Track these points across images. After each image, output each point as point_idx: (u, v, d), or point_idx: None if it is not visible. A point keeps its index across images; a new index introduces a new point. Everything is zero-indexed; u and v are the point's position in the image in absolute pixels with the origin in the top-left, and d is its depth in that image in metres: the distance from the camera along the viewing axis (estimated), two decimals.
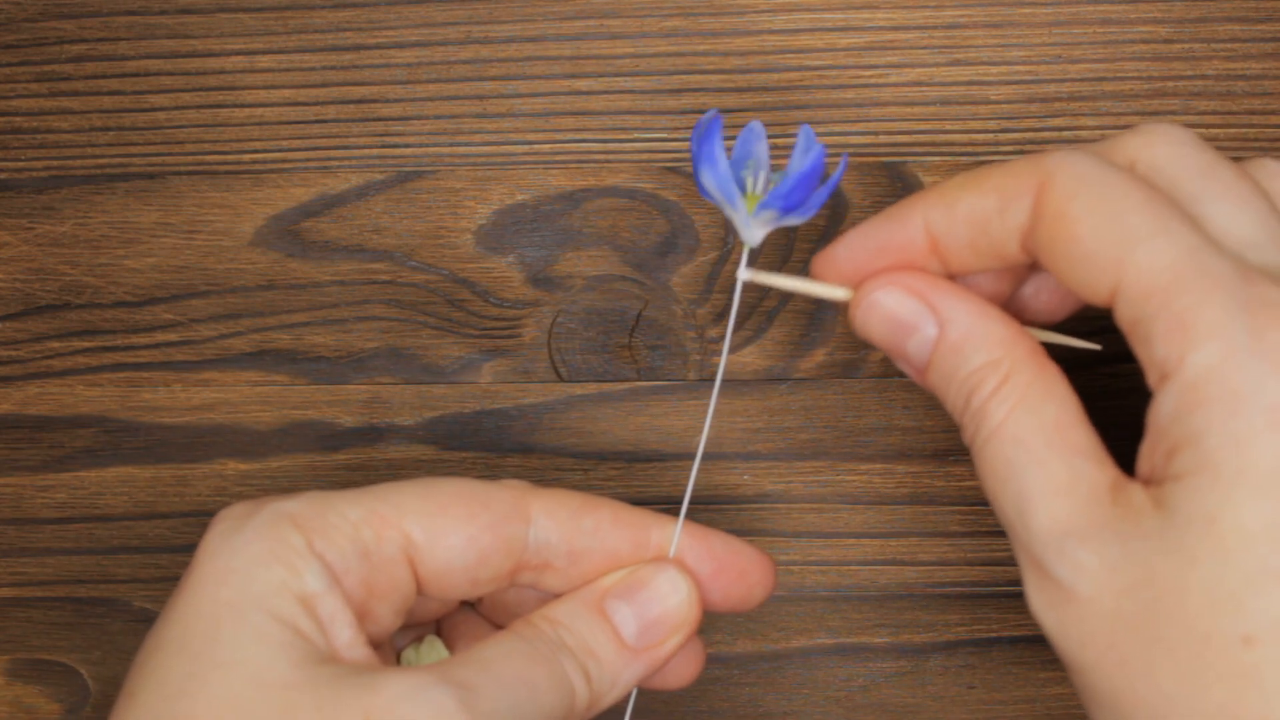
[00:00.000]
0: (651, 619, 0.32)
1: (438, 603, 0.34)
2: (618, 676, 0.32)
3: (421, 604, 0.34)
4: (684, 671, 0.34)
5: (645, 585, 0.32)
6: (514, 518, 0.32)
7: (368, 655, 0.30)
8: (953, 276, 0.31)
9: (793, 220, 0.32)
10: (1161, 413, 0.27)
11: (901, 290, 0.30)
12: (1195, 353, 0.26)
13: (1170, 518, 0.26)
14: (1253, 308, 0.26)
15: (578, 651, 0.31)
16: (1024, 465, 0.28)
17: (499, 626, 0.35)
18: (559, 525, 0.32)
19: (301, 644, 0.29)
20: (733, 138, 0.33)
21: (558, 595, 0.33)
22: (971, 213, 0.29)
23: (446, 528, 0.31)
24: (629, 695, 0.33)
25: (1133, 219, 0.27)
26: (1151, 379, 0.27)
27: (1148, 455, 0.27)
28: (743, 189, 0.32)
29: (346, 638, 0.30)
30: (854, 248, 0.31)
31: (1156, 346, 0.27)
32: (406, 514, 0.31)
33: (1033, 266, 0.32)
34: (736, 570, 0.33)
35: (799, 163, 0.31)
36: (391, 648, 0.34)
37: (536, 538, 0.32)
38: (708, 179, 0.31)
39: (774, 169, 0.33)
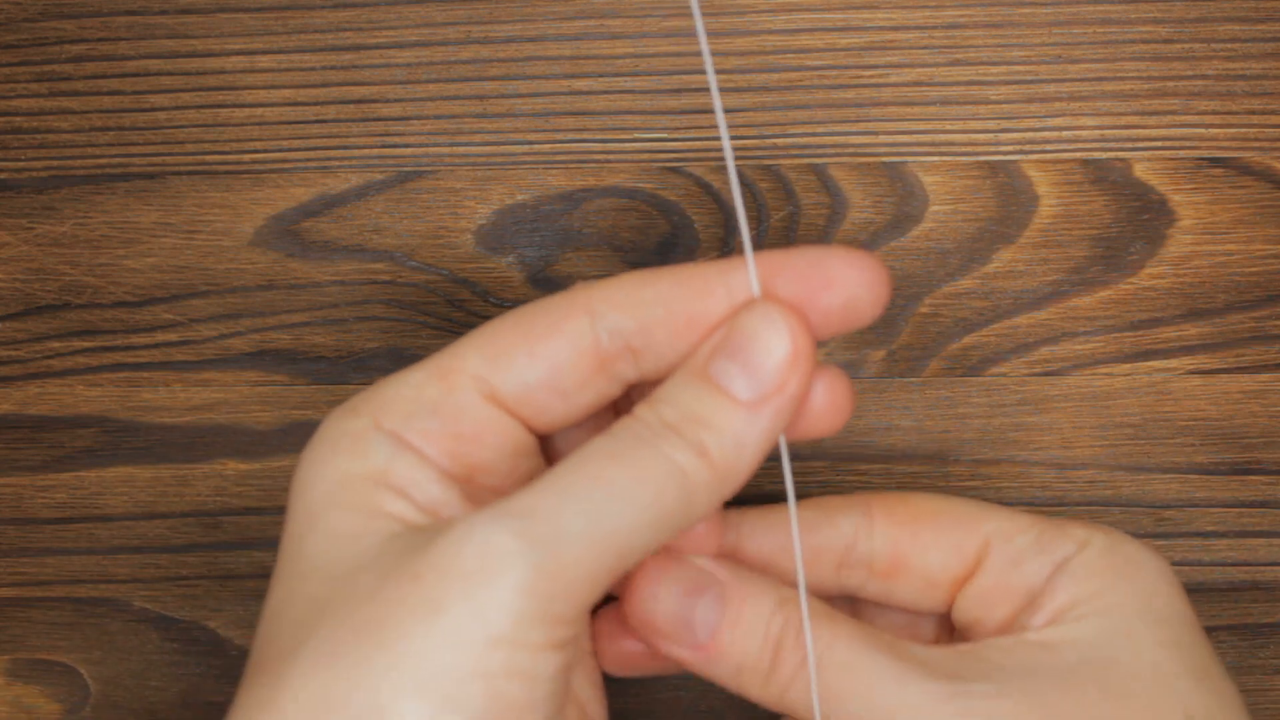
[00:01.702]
0: (760, 367, 0.29)
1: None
2: (742, 438, 0.29)
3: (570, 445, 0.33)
4: (833, 409, 0.30)
5: (743, 334, 0.29)
6: (571, 314, 0.30)
7: (466, 509, 0.29)
8: None
9: None
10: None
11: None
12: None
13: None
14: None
15: (683, 425, 0.29)
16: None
17: None
18: (621, 305, 0.30)
19: (380, 523, 0.28)
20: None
21: None
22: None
23: (507, 349, 0.30)
24: (773, 453, 0.30)
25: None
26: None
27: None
28: None
29: (435, 494, 0.29)
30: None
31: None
32: (467, 356, 0.30)
33: None
34: (823, 283, 0.30)
35: None
36: None
37: (606, 326, 0.30)
38: None
39: None
